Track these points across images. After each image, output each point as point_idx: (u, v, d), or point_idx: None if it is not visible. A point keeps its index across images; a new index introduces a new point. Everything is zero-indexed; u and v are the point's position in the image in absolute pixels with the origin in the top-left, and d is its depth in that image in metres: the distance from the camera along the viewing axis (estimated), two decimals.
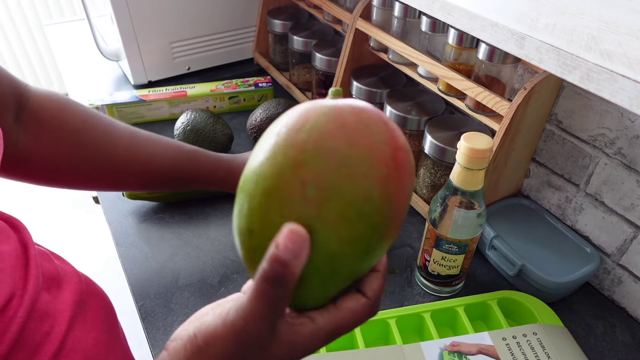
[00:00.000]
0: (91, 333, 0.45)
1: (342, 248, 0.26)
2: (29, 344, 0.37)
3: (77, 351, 0.41)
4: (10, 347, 0.35)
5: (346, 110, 0.26)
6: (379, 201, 0.25)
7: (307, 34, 0.94)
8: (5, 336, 0.35)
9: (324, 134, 0.25)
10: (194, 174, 0.60)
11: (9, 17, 2.18)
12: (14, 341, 0.36)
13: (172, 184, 0.60)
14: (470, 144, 0.48)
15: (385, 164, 0.26)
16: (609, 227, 0.60)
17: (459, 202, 0.53)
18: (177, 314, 0.59)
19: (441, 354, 0.51)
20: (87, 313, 0.46)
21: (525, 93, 0.55)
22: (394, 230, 0.27)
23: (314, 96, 0.95)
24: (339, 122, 0.25)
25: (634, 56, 0.36)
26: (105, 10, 0.97)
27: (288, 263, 0.24)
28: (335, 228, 0.25)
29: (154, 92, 0.93)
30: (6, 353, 0.35)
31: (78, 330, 0.43)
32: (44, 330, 0.39)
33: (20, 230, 0.43)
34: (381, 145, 0.26)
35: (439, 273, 0.59)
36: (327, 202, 0.25)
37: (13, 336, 0.35)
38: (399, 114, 0.71)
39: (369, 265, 0.28)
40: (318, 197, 0.24)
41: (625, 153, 0.56)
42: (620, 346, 0.56)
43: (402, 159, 0.27)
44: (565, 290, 0.58)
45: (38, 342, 0.38)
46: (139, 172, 0.57)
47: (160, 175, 0.58)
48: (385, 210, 0.26)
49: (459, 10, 0.49)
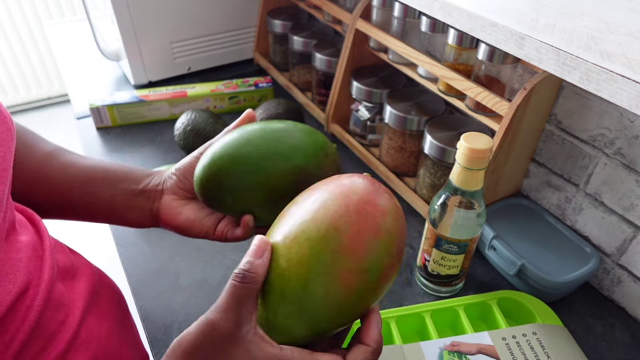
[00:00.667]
0: (104, 323, 0.45)
1: (289, 267, 0.33)
2: (45, 332, 0.38)
3: (91, 340, 0.42)
4: (28, 335, 0.36)
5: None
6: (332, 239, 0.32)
7: (307, 34, 0.94)
8: (24, 324, 0.36)
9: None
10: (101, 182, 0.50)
11: (9, 17, 2.18)
12: (32, 329, 0.36)
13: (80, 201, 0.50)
14: (470, 144, 0.48)
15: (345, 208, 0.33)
16: (609, 227, 0.60)
17: (459, 202, 0.53)
18: (177, 314, 0.59)
19: (441, 354, 0.51)
20: (100, 304, 0.46)
21: (525, 93, 0.55)
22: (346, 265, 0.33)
23: (314, 96, 0.95)
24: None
25: (633, 56, 0.36)
26: (106, 10, 0.97)
27: (251, 262, 0.32)
28: (289, 250, 0.33)
29: (154, 92, 0.93)
30: (25, 340, 0.36)
31: (92, 320, 0.43)
32: (59, 319, 0.40)
33: (35, 222, 0.43)
34: (352, 196, 0.34)
35: (438, 273, 0.59)
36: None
37: (31, 324, 0.36)
38: (399, 114, 0.71)
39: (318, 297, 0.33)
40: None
41: (624, 153, 0.56)
42: (619, 346, 0.56)
43: (368, 211, 0.33)
44: (564, 290, 0.59)
45: (54, 331, 0.39)
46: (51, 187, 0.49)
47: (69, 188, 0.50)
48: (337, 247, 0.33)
49: (459, 10, 0.49)
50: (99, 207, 0.49)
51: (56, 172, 0.48)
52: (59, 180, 0.48)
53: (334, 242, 0.32)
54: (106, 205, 0.48)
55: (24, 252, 0.38)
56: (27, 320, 0.36)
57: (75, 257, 0.48)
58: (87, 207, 0.49)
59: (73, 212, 0.49)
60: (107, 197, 0.48)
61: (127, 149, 0.87)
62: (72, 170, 0.48)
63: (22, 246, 0.38)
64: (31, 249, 0.39)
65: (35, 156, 0.48)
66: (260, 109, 0.84)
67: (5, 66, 2.29)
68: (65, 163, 0.49)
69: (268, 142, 0.44)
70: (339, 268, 0.32)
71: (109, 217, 0.50)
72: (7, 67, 2.29)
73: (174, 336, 0.56)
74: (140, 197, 0.48)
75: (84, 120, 0.94)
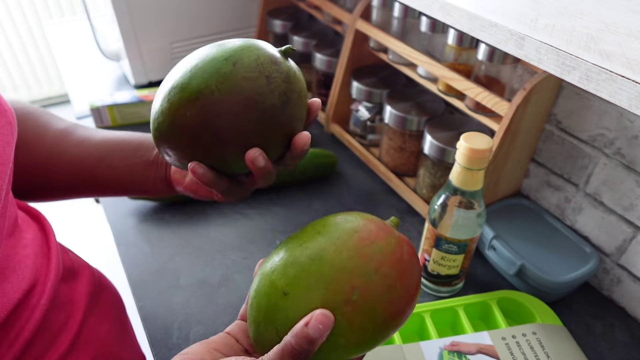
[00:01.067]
0: (104, 324, 0.45)
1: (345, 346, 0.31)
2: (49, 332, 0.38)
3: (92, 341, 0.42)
4: (33, 333, 0.36)
5: (405, 250, 0.33)
6: (391, 326, 0.32)
7: (307, 34, 0.94)
8: (30, 322, 0.36)
9: (385, 261, 0.31)
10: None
11: (9, 17, 2.18)
12: (37, 328, 0.36)
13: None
14: (469, 144, 0.48)
15: (409, 304, 0.32)
16: (608, 227, 0.60)
17: (459, 202, 0.53)
18: (177, 314, 0.59)
19: (441, 354, 0.51)
20: (100, 305, 0.46)
21: (525, 93, 0.55)
22: (385, 339, 0.33)
23: (314, 96, 0.95)
24: (398, 255, 0.32)
25: (633, 57, 0.36)
26: (106, 10, 0.97)
27: (314, 341, 0.28)
28: (352, 331, 0.30)
29: (154, 92, 0.93)
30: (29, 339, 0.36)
31: (92, 322, 0.43)
32: (62, 320, 0.40)
33: (40, 220, 0.43)
34: (414, 289, 0.33)
35: (438, 273, 0.59)
36: (360, 312, 0.30)
37: (36, 323, 0.36)
38: (399, 114, 0.71)
39: (359, 354, 0.33)
40: (357, 304, 0.30)
41: (624, 153, 0.56)
42: (619, 346, 0.56)
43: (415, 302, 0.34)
44: (564, 290, 0.59)
45: (57, 331, 0.39)
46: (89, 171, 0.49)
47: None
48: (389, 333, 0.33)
49: (459, 10, 0.49)
50: (115, 178, 0.49)
51: (72, 148, 0.48)
52: (74, 156, 0.48)
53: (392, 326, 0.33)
54: (124, 176, 0.48)
55: (30, 249, 0.38)
56: (32, 318, 0.36)
57: (75, 257, 0.48)
58: (106, 180, 0.49)
59: (91, 186, 0.49)
60: (125, 168, 0.48)
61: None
62: (87, 144, 0.48)
63: (28, 242, 0.38)
64: (37, 246, 0.39)
65: (50, 134, 0.48)
66: None
67: (5, 66, 2.29)
68: (80, 138, 0.49)
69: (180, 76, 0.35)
70: (384, 339, 0.33)
71: (126, 188, 0.50)
72: (7, 67, 2.29)
73: (174, 336, 0.56)
74: (154, 165, 0.49)
75: (84, 120, 0.94)
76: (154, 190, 0.49)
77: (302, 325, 0.28)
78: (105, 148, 0.49)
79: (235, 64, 0.34)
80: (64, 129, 0.49)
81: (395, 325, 0.32)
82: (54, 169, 0.47)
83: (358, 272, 0.30)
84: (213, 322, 0.58)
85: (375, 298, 0.30)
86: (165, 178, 0.49)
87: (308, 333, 0.28)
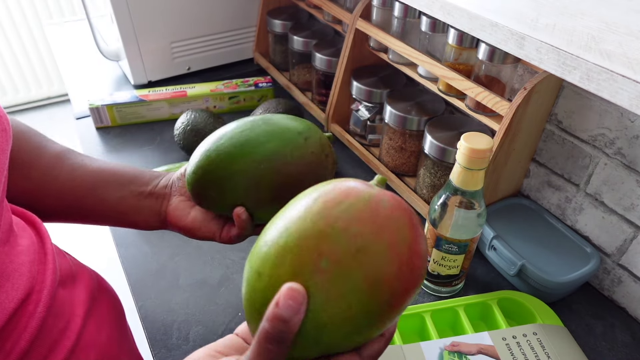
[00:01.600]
0: (104, 329, 0.45)
1: (332, 323, 0.27)
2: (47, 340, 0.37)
3: (92, 347, 0.42)
4: (30, 343, 0.35)
5: (383, 203, 0.28)
6: (381, 297, 0.27)
7: (307, 34, 0.94)
8: (26, 331, 0.35)
9: (356, 219, 0.27)
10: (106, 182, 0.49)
11: (9, 17, 2.18)
12: (34, 337, 0.36)
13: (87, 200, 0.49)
14: (470, 144, 0.48)
15: (399, 264, 0.27)
16: (609, 227, 0.60)
17: (459, 202, 0.53)
18: (177, 314, 0.59)
19: (441, 354, 0.51)
20: (100, 309, 0.46)
21: (525, 93, 0.55)
22: (387, 322, 0.28)
23: (314, 96, 0.95)
24: (372, 211, 0.27)
25: (633, 56, 0.36)
26: (105, 10, 0.97)
27: (288, 320, 0.25)
28: (332, 304, 0.26)
29: (154, 92, 0.93)
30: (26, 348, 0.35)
31: (92, 327, 0.43)
32: (60, 327, 0.39)
33: (36, 225, 0.43)
34: (402, 246, 0.27)
35: (439, 273, 0.59)
36: (334, 278, 0.26)
37: (33, 332, 0.36)
38: (399, 114, 0.71)
39: (356, 343, 0.29)
40: (328, 271, 0.26)
41: (625, 153, 0.56)
42: (620, 346, 0.56)
43: (417, 265, 0.28)
44: (565, 290, 0.58)
45: (56, 339, 0.38)
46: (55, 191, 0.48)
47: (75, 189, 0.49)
48: (384, 306, 0.27)
49: (459, 10, 0.49)
50: (107, 209, 0.48)
51: (65, 174, 0.48)
52: (67, 182, 0.48)
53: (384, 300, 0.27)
54: (114, 207, 0.48)
55: (25, 256, 0.37)
56: (29, 327, 0.35)
57: (74, 261, 0.48)
58: (96, 210, 0.48)
59: (82, 215, 0.49)
60: (116, 200, 0.48)
61: (126, 149, 0.87)
62: (80, 172, 0.48)
63: (23, 249, 0.38)
64: (33, 252, 0.39)
65: (45, 158, 0.48)
66: (260, 109, 0.84)
67: (5, 66, 2.29)
68: (74, 165, 0.49)
69: (242, 131, 0.43)
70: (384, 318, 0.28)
71: (117, 220, 0.49)
72: (7, 67, 2.29)
73: (174, 336, 0.56)
74: (149, 199, 0.48)
75: (84, 120, 0.94)
76: (144, 225, 0.49)
77: (274, 307, 0.25)
78: (98, 178, 0.48)
79: (307, 139, 0.43)
80: (59, 153, 0.49)
81: (386, 292, 0.27)
82: (46, 194, 0.47)
83: (323, 235, 0.26)
84: (213, 323, 0.58)
85: (347, 261, 0.26)
86: (159, 213, 0.48)
87: (280, 313, 0.25)
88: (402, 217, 0.28)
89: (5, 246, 0.36)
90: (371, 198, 0.28)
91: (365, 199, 0.28)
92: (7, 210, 0.38)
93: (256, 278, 0.28)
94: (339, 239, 0.26)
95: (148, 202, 0.48)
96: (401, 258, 0.27)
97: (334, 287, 0.26)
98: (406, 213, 0.28)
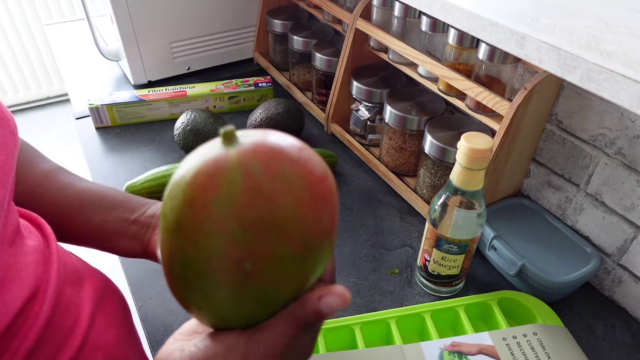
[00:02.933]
0: (111, 329, 0.45)
1: (285, 295, 0.27)
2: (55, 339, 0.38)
3: (100, 347, 0.42)
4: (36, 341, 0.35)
5: (255, 168, 0.23)
6: (314, 242, 0.25)
7: (307, 33, 0.93)
8: (32, 330, 0.35)
9: (242, 207, 0.23)
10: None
11: (9, 17, 2.18)
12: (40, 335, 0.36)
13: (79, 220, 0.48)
14: (470, 144, 0.48)
15: (311, 209, 0.25)
16: (609, 227, 0.60)
17: (459, 202, 0.53)
18: (177, 314, 0.59)
19: (441, 354, 0.51)
20: (107, 309, 0.46)
21: (526, 93, 0.55)
22: (329, 251, 0.27)
23: (314, 96, 0.95)
24: (252, 187, 0.23)
25: (634, 56, 0.36)
26: (105, 10, 0.97)
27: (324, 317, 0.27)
28: (278, 286, 0.26)
29: (153, 92, 0.93)
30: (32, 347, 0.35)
31: (99, 326, 0.43)
32: (68, 325, 0.39)
33: (41, 226, 0.43)
34: (302, 193, 0.24)
35: (439, 273, 0.59)
36: (265, 269, 0.24)
37: (39, 330, 0.36)
38: (399, 114, 0.71)
39: (310, 284, 0.28)
40: (257, 268, 0.24)
41: (625, 153, 0.56)
42: (620, 346, 0.56)
43: (324, 192, 0.26)
44: (565, 290, 0.58)
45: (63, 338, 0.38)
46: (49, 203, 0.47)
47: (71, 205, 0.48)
48: (320, 245, 0.26)
49: (459, 10, 0.49)
50: (90, 231, 0.47)
51: (52, 192, 0.47)
52: (53, 200, 0.47)
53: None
54: (95, 230, 0.47)
55: (31, 257, 0.38)
56: (35, 326, 0.36)
57: (80, 261, 0.48)
58: (79, 231, 0.48)
59: (66, 235, 0.48)
60: (99, 222, 0.47)
61: (126, 148, 0.87)
62: (67, 192, 0.48)
63: (30, 250, 0.38)
64: (39, 253, 0.39)
65: (34, 174, 0.47)
66: (260, 109, 0.84)
67: (5, 66, 2.29)
68: (62, 184, 0.48)
69: None
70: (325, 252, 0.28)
71: (98, 244, 0.49)
72: (6, 67, 2.29)
73: None
74: (134, 226, 0.47)
75: (84, 120, 0.94)
76: (126, 252, 0.48)
77: (318, 304, 0.27)
78: (85, 198, 0.47)
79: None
80: (49, 171, 0.48)
81: (315, 239, 0.25)
82: (33, 210, 0.46)
83: (229, 241, 0.23)
84: None
85: (267, 248, 0.24)
86: (142, 241, 0.47)
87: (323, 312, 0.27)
88: (282, 165, 0.24)
89: (12, 247, 0.36)
90: (240, 173, 0.23)
91: (235, 179, 0.23)
92: (14, 212, 0.38)
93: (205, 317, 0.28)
94: (244, 237, 0.23)
95: (132, 229, 0.47)
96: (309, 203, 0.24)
97: (271, 275, 0.25)
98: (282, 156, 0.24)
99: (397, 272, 0.65)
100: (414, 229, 0.71)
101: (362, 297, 0.61)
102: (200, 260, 0.24)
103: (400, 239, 0.70)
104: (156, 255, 0.47)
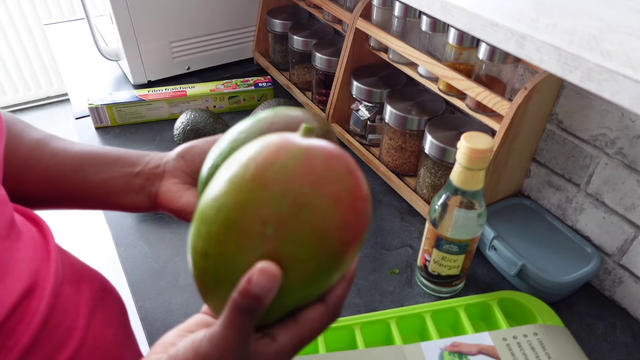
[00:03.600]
0: (110, 329, 0.45)
1: (291, 285, 0.27)
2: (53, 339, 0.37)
3: (98, 347, 0.42)
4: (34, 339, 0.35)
5: (317, 155, 0.27)
6: (333, 247, 0.27)
7: (307, 33, 0.93)
8: (29, 327, 0.35)
9: (292, 178, 0.26)
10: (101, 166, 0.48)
11: (9, 17, 2.18)
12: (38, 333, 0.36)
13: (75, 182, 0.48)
14: (470, 143, 0.48)
15: (344, 212, 0.27)
16: (610, 227, 0.60)
17: (459, 202, 0.53)
18: (177, 315, 0.59)
19: (441, 354, 0.51)
20: (105, 309, 0.46)
21: (526, 93, 0.55)
22: (344, 267, 0.29)
23: (314, 96, 0.95)
24: (307, 167, 0.26)
25: (634, 56, 0.36)
26: (105, 10, 0.97)
27: (260, 296, 0.25)
28: (287, 267, 0.26)
29: (153, 91, 0.93)
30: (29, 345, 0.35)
31: (97, 326, 0.43)
32: (66, 325, 0.39)
33: (39, 224, 0.43)
34: (344, 194, 0.27)
35: (439, 273, 0.59)
36: (284, 243, 0.26)
37: (36, 328, 0.35)
38: (399, 114, 0.71)
39: (319, 293, 0.29)
40: (276, 238, 0.26)
41: (626, 153, 0.56)
42: (621, 346, 0.56)
43: (362, 209, 0.28)
44: (565, 290, 0.58)
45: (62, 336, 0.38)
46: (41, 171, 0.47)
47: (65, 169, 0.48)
48: (338, 255, 0.27)
49: (459, 10, 0.49)
50: (91, 191, 0.47)
51: (46, 159, 0.46)
52: (49, 166, 0.46)
53: None
54: (99, 189, 0.46)
55: (26, 252, 0.37)
56: (32, 324, 0.35)
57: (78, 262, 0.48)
58: (80, 193, 0.47)
59: (67, 199, 0.48)
60: (100, 181, 0.46)
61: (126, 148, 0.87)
62: (62, 156, 0.47)
63: (24, 246, 0.38)
64: (35, 249, 0.39)
65: (25, 144, 0.46)
66: (260, 109, 0.84)
67: (5, 66, 2.29)
68: (55, 149, 0.47)
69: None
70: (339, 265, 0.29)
71: (103, 202, 0.48)
72: (6, 67, 2.29)
73: None
74: (137, 179, 0.46)
75: (83, 120, 0.94)
76: (132, 206, 0.47)
77: (246, 283, 0.25)
78: (81, 160, 0.47)
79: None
80: (40, 140, 0.48)
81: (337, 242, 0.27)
82: (28, 180, 0.46)
83: (263, 203, 0.26)
84: None
85: (292, 223, 0.26)
86: (149, 194, 0.46)
87: (252, 290, 0.25)
88: (339, 166, 0.27)
89: (5, 241, 0.36)
90: (303, 153, 0.27)
91: (297, 155, 0.26)
92: (7, 205, 0.38)
93: (203, 259, 0.27)
94: (279, 203, 0.26)
95: (136, 182, 0.46)
96: (345, 206, 0.27)
97: (286, 251, 0.26)
98: (342, 161, 0.28)
99: (397, 272, 0.64)
100: (414, 229, 0.71)
101: (362, 297, 0.61)
102: (236, 207, 0.26)
103: (401, 239, 0.70)
104: (166, 207, 0.45)
